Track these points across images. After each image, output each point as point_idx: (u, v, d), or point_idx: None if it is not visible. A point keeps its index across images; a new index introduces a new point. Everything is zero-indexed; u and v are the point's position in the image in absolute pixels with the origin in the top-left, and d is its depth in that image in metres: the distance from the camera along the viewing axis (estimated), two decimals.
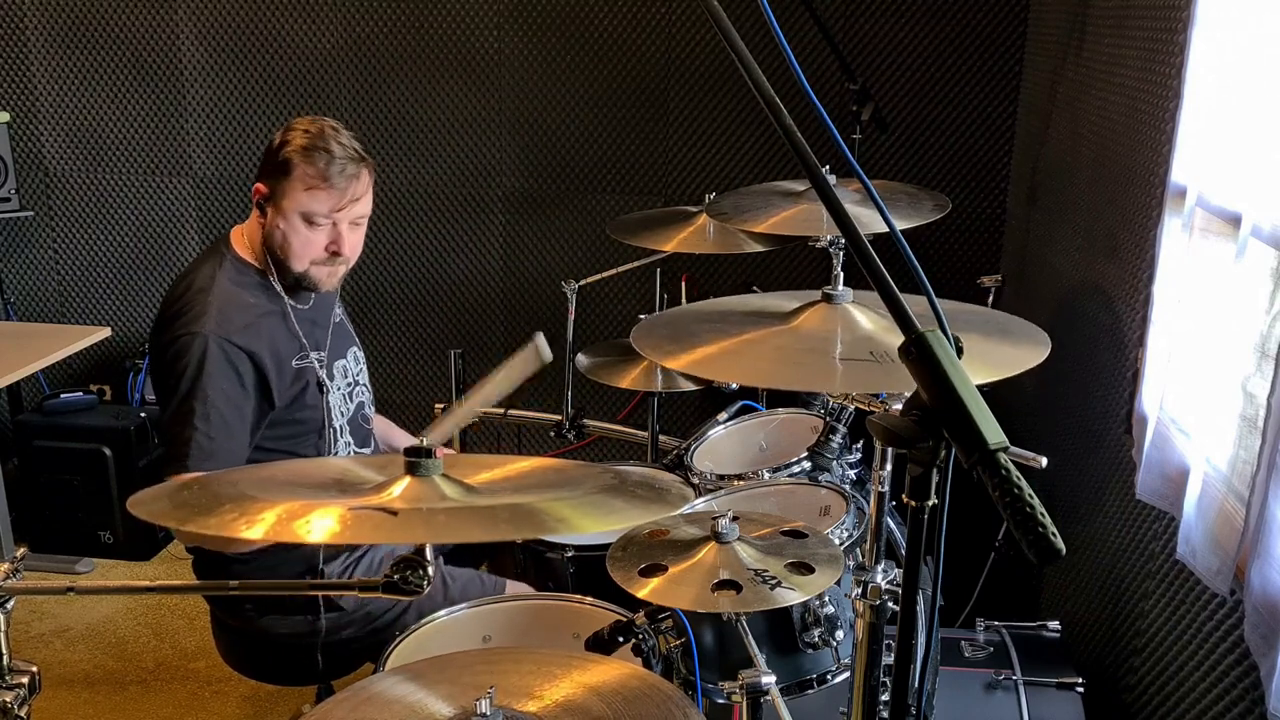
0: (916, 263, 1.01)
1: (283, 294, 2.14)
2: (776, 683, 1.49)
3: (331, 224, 2.06)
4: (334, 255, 2.09)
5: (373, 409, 2.36)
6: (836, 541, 1.68)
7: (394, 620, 2.12)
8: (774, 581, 1.52)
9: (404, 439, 2.50)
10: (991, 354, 1.41)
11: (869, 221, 1.87)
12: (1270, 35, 1.69)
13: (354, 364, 2.29)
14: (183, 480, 1.83)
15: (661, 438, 3.01)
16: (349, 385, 2.25)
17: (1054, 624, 2.18)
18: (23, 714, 1.21)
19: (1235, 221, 1.71)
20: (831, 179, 1.09)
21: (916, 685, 1.26)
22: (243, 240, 2.14)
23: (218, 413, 1.98)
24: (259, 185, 2.07)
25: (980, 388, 0.93)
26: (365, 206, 2.11)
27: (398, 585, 1.12)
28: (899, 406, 0.98)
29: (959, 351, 0.95)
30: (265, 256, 2.12)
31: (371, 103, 3.91)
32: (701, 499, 2.07)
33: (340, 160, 2.03)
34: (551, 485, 1.28)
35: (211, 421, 1.97)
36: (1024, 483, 0.87)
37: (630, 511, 1.26)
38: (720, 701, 1.64)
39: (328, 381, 2.17)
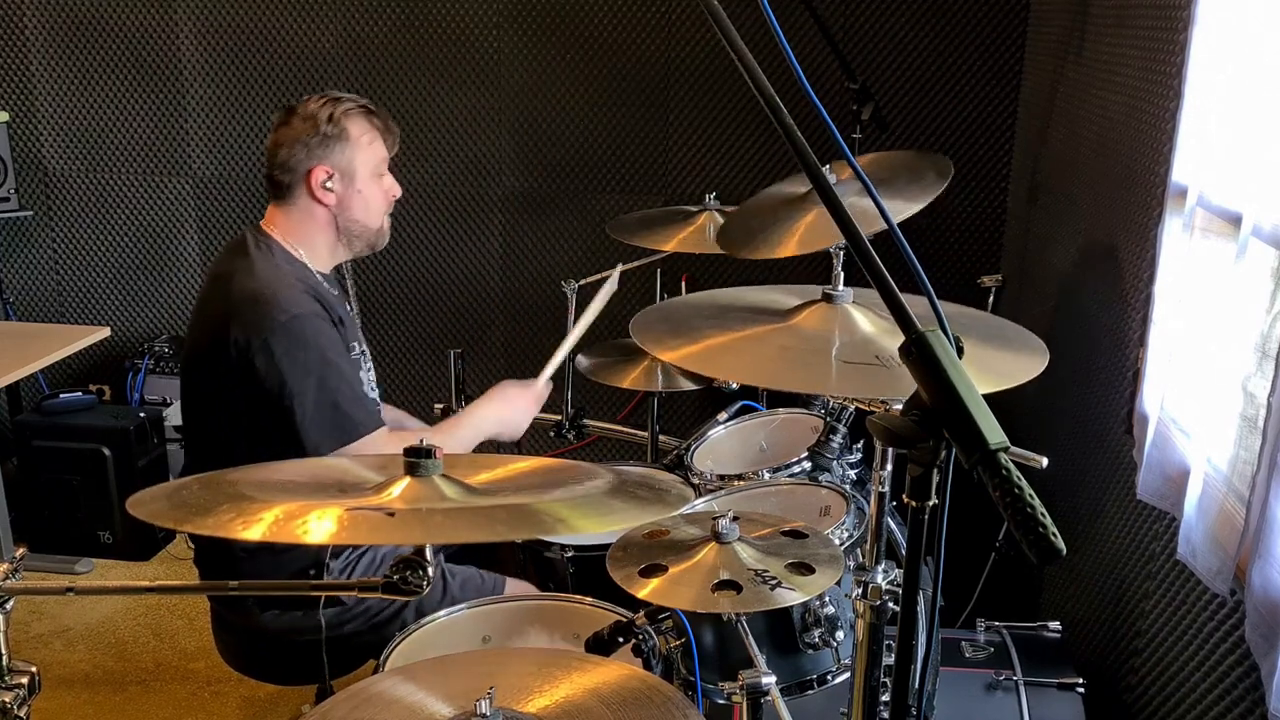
0: (917, 262, 1.00)
1: (324, 283, 2.18)
2: (777, 683, 1.49)
3: (386, 169, 2.20)
4: (392, 200, 2.23)
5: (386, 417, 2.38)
6: (837, 542, 1.68)
7: (394, 616, 2.12)
8: (774, 582, 1.52)
9: (418, 429, 2.52)
10: (989, 363, 1.40)
11: (868, 212, 1.85)
12: (1270, 35, 1.69)
13: (366, 362, 2.31)
14: (379, 438, 2.05)
15: (661, 438, 3.01)
16: (369, 381, 2.28)
17: (1054, 624, 2.17)
18: (22, 714, 1.20)
19: (1236, 221, 1.70)
20: (832, 179, 1.09)
21: (917, 686, 1.26)
22: (278, 234, 2.15)
23: (352, 378, 2.09)
24: (321, 168, 2.10)
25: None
26: None
27: (398, 585, 1.12)
28: (899, 406, 0.98)
29: (959, 351, 0.95)
30: (327, 239, 2.17)
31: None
32: (701, 499, 2.07)
33: (371, 109, 2.17)
34: (551, 485, 1.28)
35: (353, 385, 2.08)
36: (1024, 483, 0.87)
37: (630, 511, 1.26)
38: (720, 702, 1.64)
39: (364, 375, 2.20)
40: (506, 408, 2.28)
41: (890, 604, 1.38)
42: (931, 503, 1.03)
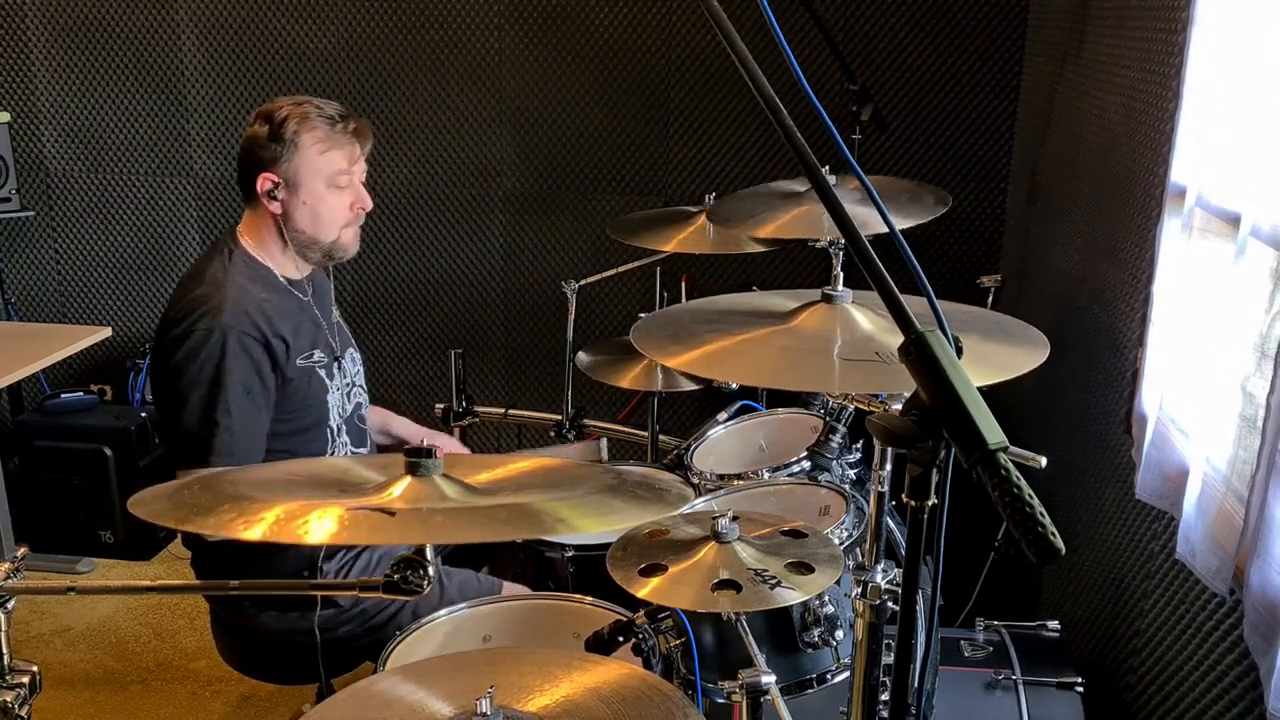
0: (916, 263, 1.01)
1: (290, 289, 2.16)
2: (776, 682, 1.49)
3: (351, 181, 2.12)
4: (358, 213, 2.16)
5: (368, 411, 2.37)
6: (836, 541, 1.68)
7: (390, 619, 2.13)
8: (774, 581, 1.52)
9: (402, 426, 2.52)
10: (991, 356, 1.41)
11: (869, 221, 1.87)
12: (1269, 35, 1.69)
13: (351, 365, 2.31)
14: (195, 476, 1.87)
15: (661, 438, 3.02)
16: (347, 386, 2.26)
17: (1053, 624, 2.18)
18: (23, 714, 1.21)
19: (1235, 221, 1.71)
20: (831, 179, 1.09)
21: (916, 685, 1.26)
22: (248, 238, 2.15)
23: (239, 408, 2.00)
24: (265, 176, 2.08)
25: (980, 389, 0.94)
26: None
27: (398, 585, 1.12)
28: (899, 406, 0.98)
29: (959, 351, 0.95)
30: (280, 248, 2.15)
31: (371, 103, 3.91)
32: (701, 499, 2.07)
33: (339, 117, 2.10)
34: (551, 485, 1.28)
35: (234, 417, 1.99)
36: (1023, 482, 0.87)
37: (630, 511, 1.26)
38: (720, 701, 1.65)
39: (328, 381, 2.18)
40: None
41: (889, 603, 1.38)
42: (931, 502, 1.03)
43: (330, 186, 2.11)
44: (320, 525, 1.07)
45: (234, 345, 2.00)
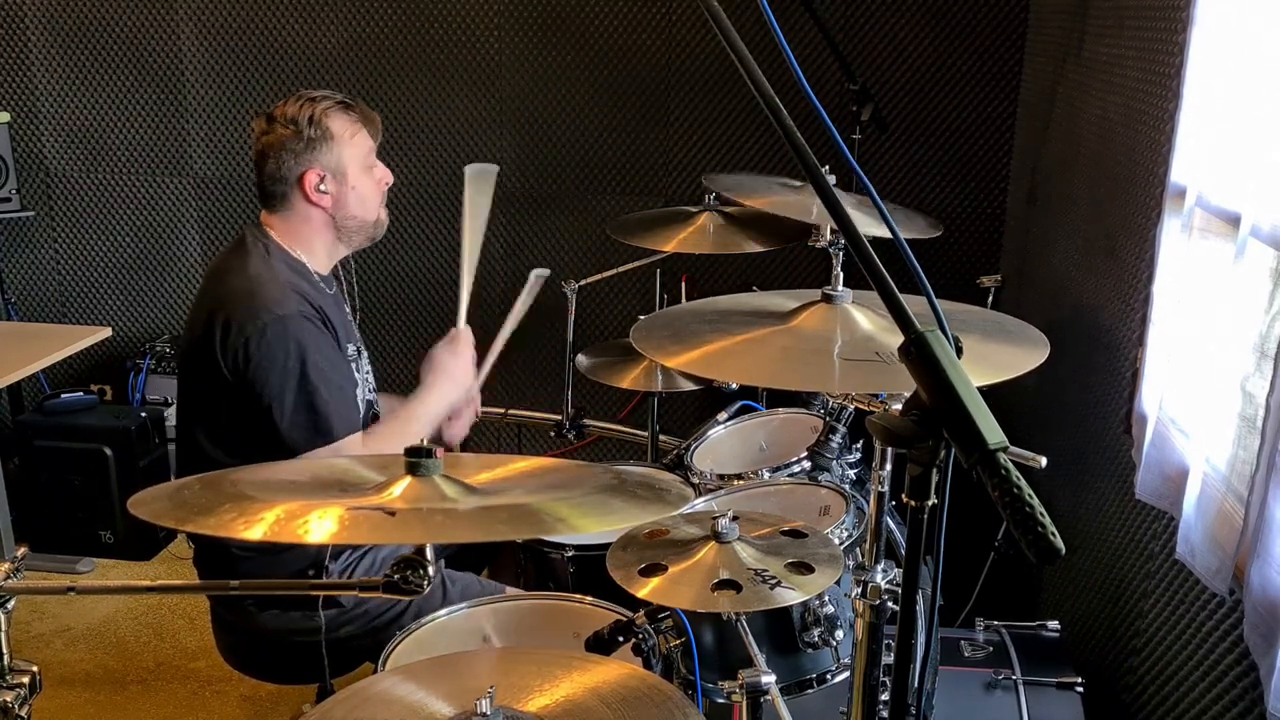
0: (916, 263, 1.01)
1: (321, 282, 2.18)
2: (776, 682, 1.49)
3: (375, 160, 2.21)
4: (383, 189, 2.24)
5: (381, 409, 2.37)
6: (836, 541, 1.68)
7: (393, 619, 2.12)
8: (774, 581, 1.52)
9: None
10: (991, 356, 1.41)
11: (867, 220, 1.88)
12: (1269, 35, 1.69)
13: (362, 361, 2.31)
14: (351, 443, 2.04)
15: (661, 438, 3.02)
16: (364, 383, 2.27)
17: (1053, 624, 2.18)
18: (23, 714, 1.21)
19: (1234, 221, 1.71)
20: (831, 179, 1.09)
21: (916, 685, 1.26)
22: (278, 235, 2.15)
23: (333, 381, 2.06)
24: (312, 172, 2.09)
25: (980, 388, 0.94)
26: None
27: (398, 585, 1.12)
28: (899, 406, 0.98)
29: (958, 351, 0.95)
30: (326, 241, 2.18)
31: (372, 103, 3.85)
32: (701, 499, 2.07)
33: (349, 103, 2.18)
34: (551, 485, 1.28)
35: (333, 387, 2.06)
36: (1023, 482, 0.87)
37: (630, 511, 1.26)
38: (720, 701, 1.65)
39: (355, 375, 2.19)
40: (449, 381, 2.29)
41: (889, 603, 1.38)
42: (931, 502, 1.03)
43: (364, 168, 2.17)
44: (320, 525, 1.07)
45: (308, 326, 2.04)
